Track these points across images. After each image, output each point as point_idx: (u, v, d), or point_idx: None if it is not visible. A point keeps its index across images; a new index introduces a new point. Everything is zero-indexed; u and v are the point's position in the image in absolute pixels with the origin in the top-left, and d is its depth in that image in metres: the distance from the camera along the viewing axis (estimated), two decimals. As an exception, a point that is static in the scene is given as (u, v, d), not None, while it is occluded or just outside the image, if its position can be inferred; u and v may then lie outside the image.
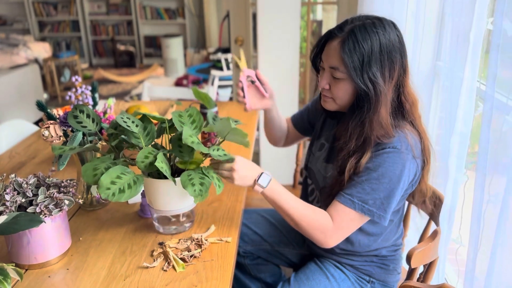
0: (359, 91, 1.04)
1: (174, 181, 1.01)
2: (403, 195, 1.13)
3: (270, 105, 1.32)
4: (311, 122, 1.42)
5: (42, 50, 5.50)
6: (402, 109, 1.09)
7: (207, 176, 1.03)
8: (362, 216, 1.07)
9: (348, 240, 1.19)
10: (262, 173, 1.08)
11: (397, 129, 1.06)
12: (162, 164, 0.98)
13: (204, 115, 1.55)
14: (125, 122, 1.05)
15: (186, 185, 0.99)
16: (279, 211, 1.11)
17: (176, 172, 1.12)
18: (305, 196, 1.35)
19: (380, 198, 1.04)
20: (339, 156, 1.10)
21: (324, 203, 1.15)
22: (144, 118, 1.11)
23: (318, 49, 1.12)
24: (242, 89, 1.19)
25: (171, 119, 1.13)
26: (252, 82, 1.20)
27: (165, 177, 1.06)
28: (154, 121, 1.16)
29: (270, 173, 1.09)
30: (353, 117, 1.08)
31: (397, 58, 1.04)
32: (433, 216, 1.26)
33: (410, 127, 1.08)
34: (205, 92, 1.19)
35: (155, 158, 1.00)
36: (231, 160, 1.06)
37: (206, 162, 1.10)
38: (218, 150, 1.10)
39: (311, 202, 1.30)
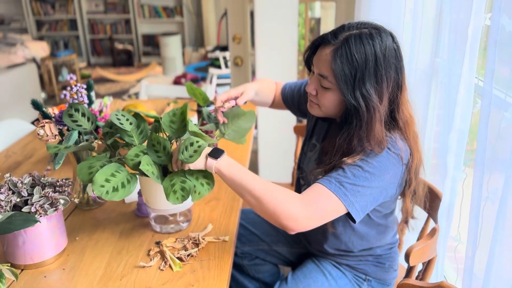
0: (349, 105, 0.99)
1: (161, 183, 0.99)
2: (386, 201, 1.10)
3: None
4: (300, 108, 1.38)
5: (40, 49, 5.47)
6: (396, 126, 1.04)
7: (189, 180, 0.99)
8: (335, 198, 0.95)
9: (341, 240, 1.19)
10: (214, 148, 0.99)
11: (390, 133, 1.02)
12: (147, 167, 0.96)
13: (200, 113, 1.53)
14: (119, 119, 1.04)
15: (168, 193, 0.97)
16: (239, 189, 0.98)
17: (169, 172, 1.11)
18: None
19: (357, 186, 0.96)
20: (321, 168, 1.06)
21: None
22: (137, 116, 1.10)
23: (311, 52, 1.07)
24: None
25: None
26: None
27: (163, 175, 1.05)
28: (149, 120, 1.15)
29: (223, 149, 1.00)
30: (341, 133, 1.03)
31: (391, 75, 0.98)
32: (432, 213, 1.25)
33: (401, 136, 1.04)
34: (200, 89, 1.17)
35: None
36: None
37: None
38: (186, 150, 0.98)
39: None
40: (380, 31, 0.99)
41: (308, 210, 0.94)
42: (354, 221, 0.98)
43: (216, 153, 0.98)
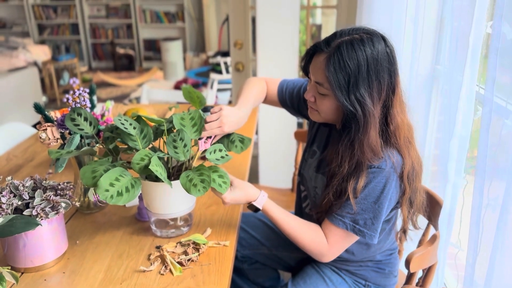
0: (345, 111, 1.01)
1: (170, 185, 1.00)
2: (391, 211, 1.13)
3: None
4: (300, 110, 1.34)
5: (42, 53, 5.49)
6: (387, 131, 1.05)
7: (205, 172, 1.02)
8: (353, 236, 1.08)
9: None
10: (259, 196, 1.10)
11: (383, 148, 1.04)
12: (156, 168, 0.97)
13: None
14: (123, 124, 1.05)
15: (188, 188, 0.98)
16: (276, 225, 1.13)
17: (173, 175, 1.11)
18: (299, 202, 1.34)
19: (371, 219, 1.05)
20: (333, 182, 1.08)
21: (317, 219, 1.16)
22: (140, 120, 1.10)
23: (307, 60, 1.09)
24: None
25: (169, 122, 1.12)
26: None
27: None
28: (151, 124, 1.15)
29: (265, 194, 1.11)
30: (342, 138, 1.06)
31: (385, 78, 1.00)
32: (432, 220, 1.25)
33: (393, 146, 1.05)
34: (198, 92, 1.17)
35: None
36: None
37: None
38: (215, 152, 1.09)
39: (304, 209, 1.30)
40: (371, 36, 1.00)
41: (334, 252, 1.11)
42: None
43: (254, 208, 1.11)
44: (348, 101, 0.99)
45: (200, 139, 1.12)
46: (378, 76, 0.99)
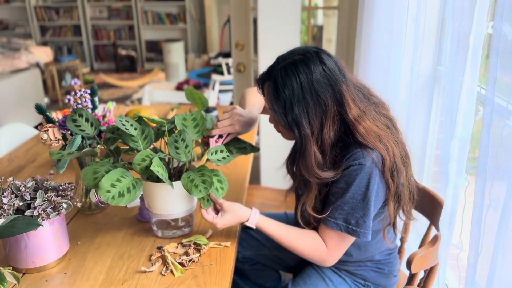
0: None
1: (172, 185, 1.00)
2: (380, 210, 1.12)
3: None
4: None
5: (44, 54, 5.50)
6: (355, 137, 1.03)
7: (207, 173, 1.03)
8: (348, 237, 1.08)
9: None
10: (249, 217, 1.10)
11: (361, 147, 1.03)
12: (158, 168, 0.97)
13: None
14: (124, 125, 1.05)
15: (190, 188, 0.99)
16: (273, 239, 1.14)
17: (174, 175, 1.11)
18: (297, 205, 1.34)
19: (362, 217, 1.04)
20: (299, 204, 1.14)
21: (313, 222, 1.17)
22: (141, 121, 1.11)
23: (261, 88, 1.11)
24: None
25: (170, 123, 1.12)
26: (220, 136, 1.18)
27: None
28: (152, 125, 1.16)
29: (257, 211, 1.11)
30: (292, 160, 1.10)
31: (326, 94, 1.00)
32: (433, 221, 1.25)
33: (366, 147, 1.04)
34: (200, 93, 1.18)
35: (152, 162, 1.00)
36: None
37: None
38: (217, 153, 1.09)
39: (302, 212, 1.29)
40: (305, 56, 1.01)
41: (334, 255, 1.11)
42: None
43: (250, 223, 1.11)
44: (287, 124, 1.03)
45: (211, 137, 1.13)
46: (318, 92, 0.99)
